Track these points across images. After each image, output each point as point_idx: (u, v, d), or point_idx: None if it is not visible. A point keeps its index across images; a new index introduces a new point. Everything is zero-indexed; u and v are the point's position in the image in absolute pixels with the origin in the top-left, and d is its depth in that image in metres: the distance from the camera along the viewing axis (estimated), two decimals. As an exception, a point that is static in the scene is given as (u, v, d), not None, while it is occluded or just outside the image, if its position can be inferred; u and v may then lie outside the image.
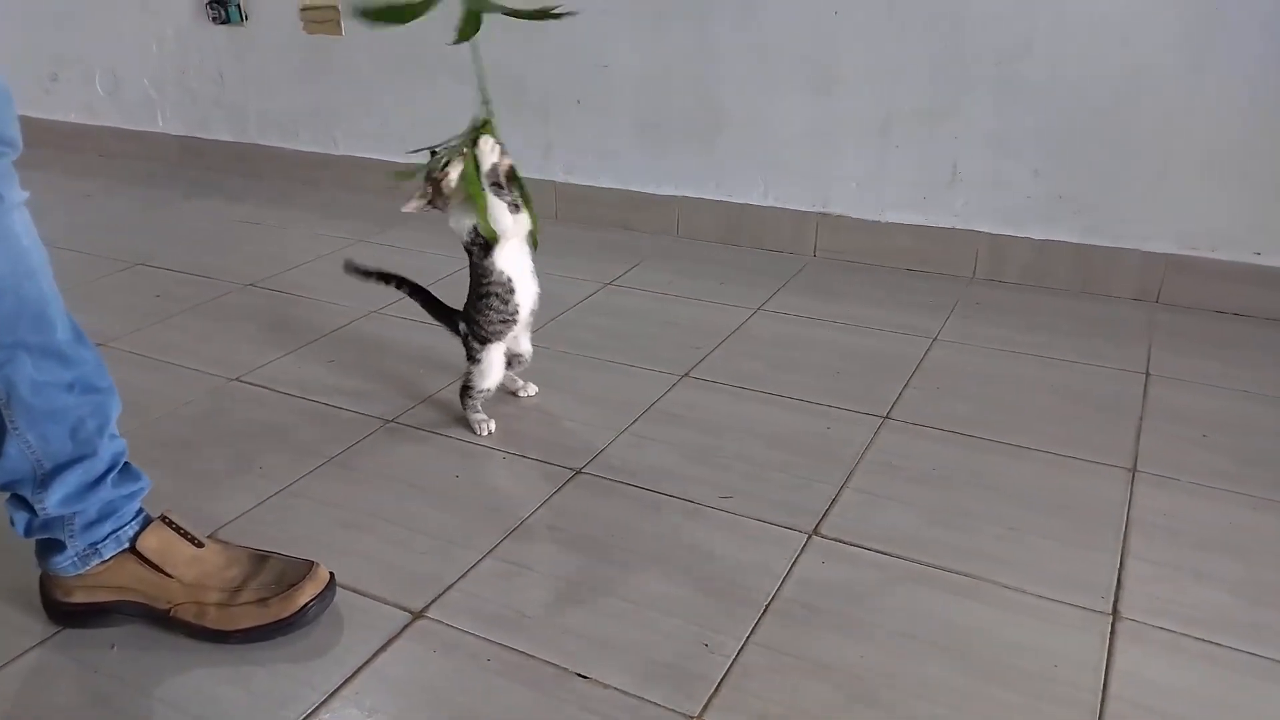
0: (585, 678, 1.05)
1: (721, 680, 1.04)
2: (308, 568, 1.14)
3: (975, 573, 1.21)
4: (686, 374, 1.72)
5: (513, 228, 1.43)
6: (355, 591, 1.19)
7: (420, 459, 1.51)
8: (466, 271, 1.50)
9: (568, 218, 2.56)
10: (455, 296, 1.56)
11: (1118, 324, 1.92)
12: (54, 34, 3.24)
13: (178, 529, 1.14)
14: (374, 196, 2.79)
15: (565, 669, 1.06)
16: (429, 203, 1.44)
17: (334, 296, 2.06)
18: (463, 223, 1.43)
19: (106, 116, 3.27)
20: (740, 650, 1.09)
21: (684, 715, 1.00)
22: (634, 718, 1.00)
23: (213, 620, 1.10)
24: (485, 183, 1.39)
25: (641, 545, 1.27)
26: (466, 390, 1.54)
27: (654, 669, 1.06)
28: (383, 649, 1.10)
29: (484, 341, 1.51)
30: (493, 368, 1.53)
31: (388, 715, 1.01)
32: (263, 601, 1.10)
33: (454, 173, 1.40)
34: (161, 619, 1.11)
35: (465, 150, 1.40)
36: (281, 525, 1.32)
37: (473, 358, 1.53)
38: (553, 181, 2.56)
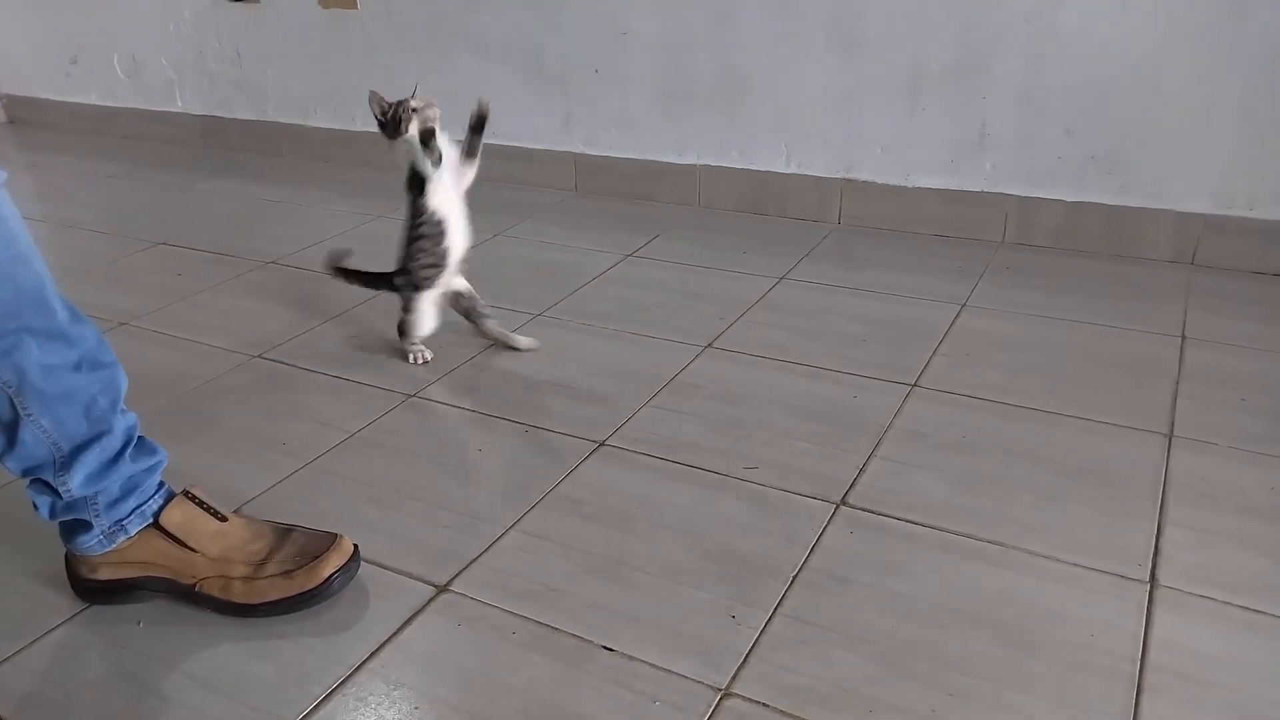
0: (611, 650, 1.04)
1: (749, 652, 1.03)
2: (331, 539, 1.13)
3: (1009, 541, 1.18)
4: (710, 345, 1.70)
5: (450, 164, 1.58)
6: (380, 566, 1.18)
7: (443, 433, 1.50)
8: (489, 248, 1.48)
9: (587, 189, 2.54)
10: (473, 270, 1.54)
11: (1152, 286, 1.87)
12: (73, 17, 3.24)
13: (201, 504, 1.13)
14: (391, 173, 2.78)
15: (591, 641, 1.05)
16: (381, 119, 1.57)
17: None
18: (405, 153, 1.57)
19: (126, 98, 3.28)
20: (768, 622, 1.07)
21: (712, 687, 0.99)
22: (661, 690, 0.99)
23: (238, 594, 1.10)
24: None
25: (666, 517, 1.25)
26: (402, 333, 1.67)
27: (680, 641, 1.05)
28: (408, 623, 1.09)
29: (416, 288, 1.62)
30: (425, 316, 1.64)
31: (413, 688, 1.01)
32: (287, 574, 1.10)
33: (414, 123, 1.54)
34: (187, 594, 1.11)
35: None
36: (306, 500, 1.32)
37: (406, 307, 1.64)
38: (572, 153, 2.53)
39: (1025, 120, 2.01)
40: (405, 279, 1.63)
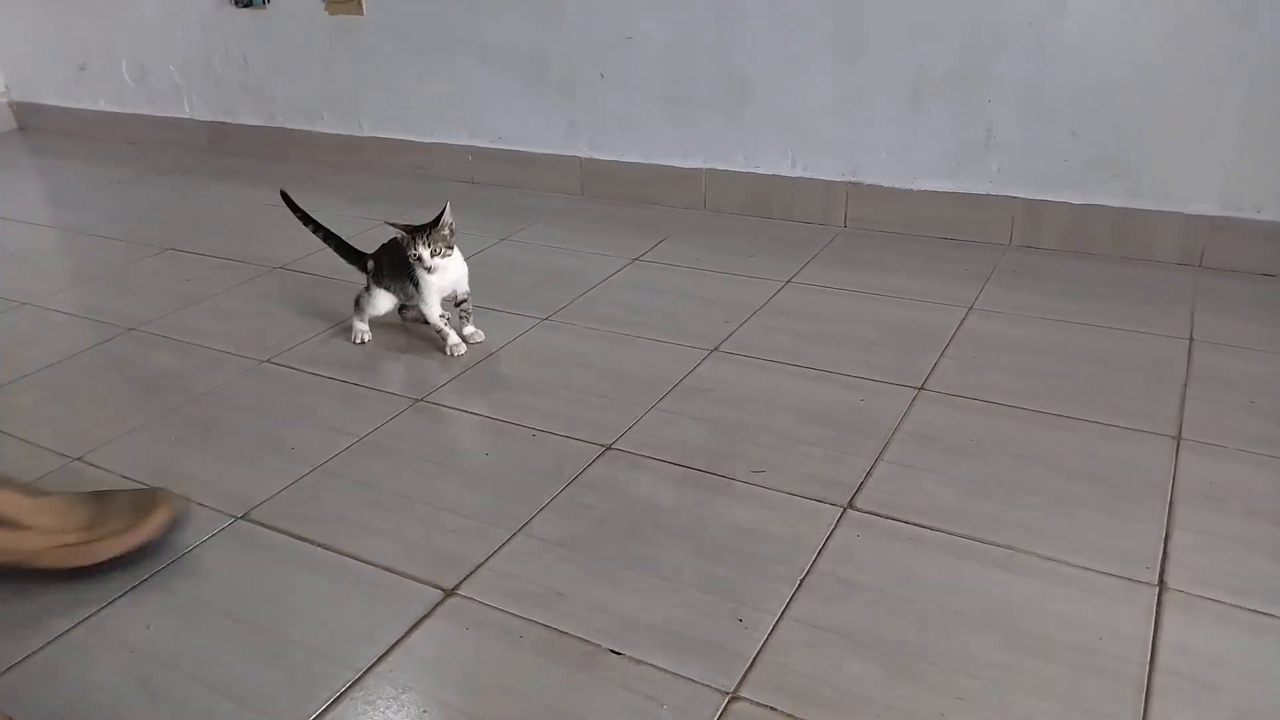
0: (618, 654, 1.04)
1: (757, 656, 1.03)
2: (155, 492, 1.20)
3: (1016, 545, 1.18)
4: (716, 348, 1.70)
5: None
6: (388, 570, 1.18)
7: (450, 437, 1.50)
8: (495, 253, 1.48)
9: (593, 194, 2.54)
10: (479, 274, 1.54)
11: (1160, 289, 1.87)
12: (81, 23, 3.26)
13: (14, 485, 1.16)
14: (399, 178, 2.79)
15: (598, 645, 1.05)
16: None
17: (362, 279, 2.05)
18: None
19: (134, 104, 3.29)
20: (775, 625, 1.07)
21: (720, 691, 0.99)
22: (669, 694, 0.99)
23: (80, 557, 1.14)
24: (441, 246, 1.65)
25: (673, 521, 1.26)
26: (357, 306, 1.79)
27: (688, 645, 1.05)
28: (415, 627, 1.09)
29: (379, 285, 1.75)
30: (380, 300, 1.77)
31: (420, 692, 1.01)
32: (121, 531, 1.15)
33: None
34: (26, 573, 1.14)
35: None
36: (313, 505, 1.32)
37: (367, 287, 1.77)
38: (577, 158, 2.54)
39: (1031, 123, 2.01)
40: (375, 274, 1.75)
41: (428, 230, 1.63)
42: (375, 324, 1.82)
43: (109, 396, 1.65)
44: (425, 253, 1.62)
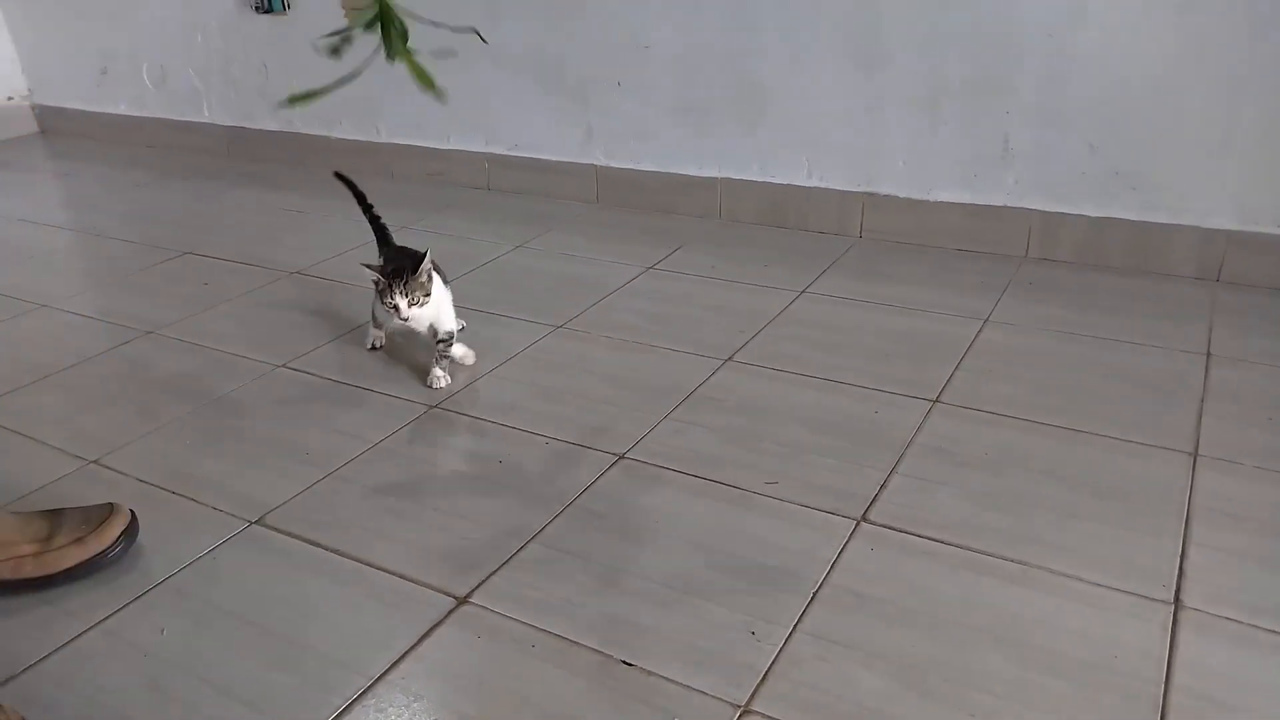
0: (630, 665, 1.04)
1: (769, 669, 1.03)
2: (110, 507, 1.22)
3: (1030, 560, 1.17)
4: (730, 358, 1.70)
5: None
6: (400, 576, 1.19)
7: (463, 445, 1.51)
8: (511, 260, 1.48)
9: (608, 201, 2.54)
10: (495, 281, 1.55)
11: (1177, 303, 1.86)
12: (103, 28, 3.29)
13: None
14: (416, 184, 2.80)
15: (610, 656, 1.05)
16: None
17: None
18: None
19: (154, 108, 3.32)
20: (788, 639, 1.07)
21: (732, 704, 0.99)
22: (681, 706, 0.98)
23: (32, 569, 1.16)
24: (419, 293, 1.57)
25: (685, 531, 1.25)
26: (374, 312, 1.76)
27: (700, 657, 1.05)
28: (427, 634, 1.09)
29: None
30: (377, 307, 1.70)
31: (432, 700, 1.01)
32: (79, 541, 1.17)
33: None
34: None
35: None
36: (327, 510, 1.32)
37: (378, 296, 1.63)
38: (593, 165, 2.54)
39: (1048, 135, 2.00)
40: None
41: (404, 278, 1.54)
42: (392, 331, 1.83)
43: (125, 399, 1.66)
44: (402, 303, 1.54)
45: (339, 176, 1.83)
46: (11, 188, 3.03)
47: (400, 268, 1.55)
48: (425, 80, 0.96)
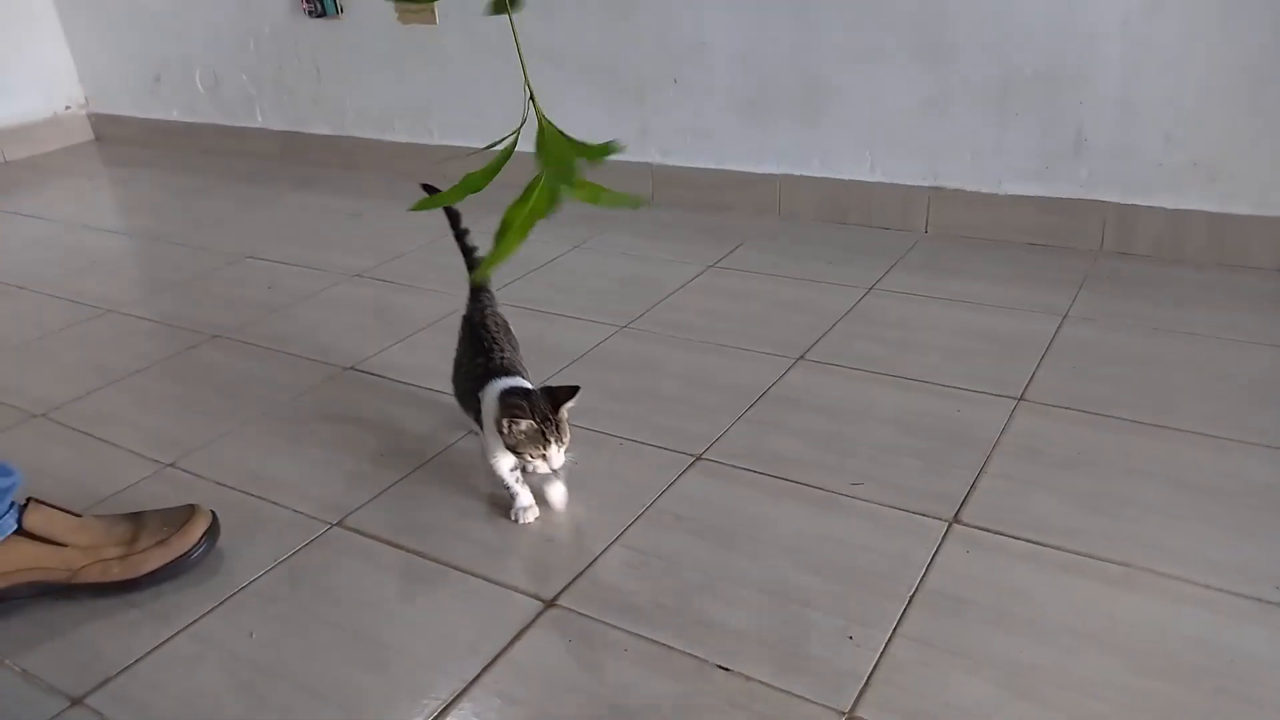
0: (728, 670, 1.01)
1: (871, 675, 1.00)
2: (191, 508, 1.23)
3: (1134, 561, 1.13)
4: (802, 357, 1.67)
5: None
6: (485, 579, 1.17)
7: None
8: (569, 260, 1.45)
9: (665, 200, 2.52)
10: (555, 282, 1.52)
11: (1260, 296, 1.80)
12: (156, 35, 3.32)
13: (53, 505, 1.18)
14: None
15: (705, 660, 1.03)
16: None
17: (439, 285, 2.06)
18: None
19: (208, 114, 3.35)
20: (887, 643, 1.04)
21: (836, 711, 0.96)
22: (784, 713, 0.96)
23: (118, 572, 1.16)
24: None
25: (771, 534, 1.23)
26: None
27: (797, 662, 1.02)
28: (517, 638, 1.08)
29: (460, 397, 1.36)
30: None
31: (529, 705, 0.99)
32: (163, 543, 1.18)
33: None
34: (63, 590, 1.16)
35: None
36: (405, 514, 1.31)
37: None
38: (649, 164, 2.52)
39: (1123, 126, 1.95)
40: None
41: (554, 423, 1.20)
42: (452, 331, 1.81)
43: (198, 402, 1.66)
44: (555, 452, 1.20)
45: (425, 188, 1.39)
46: (72, 195, 3.07)
47: (535, 404, 1.19)
48: (618, 200, 0.83)
